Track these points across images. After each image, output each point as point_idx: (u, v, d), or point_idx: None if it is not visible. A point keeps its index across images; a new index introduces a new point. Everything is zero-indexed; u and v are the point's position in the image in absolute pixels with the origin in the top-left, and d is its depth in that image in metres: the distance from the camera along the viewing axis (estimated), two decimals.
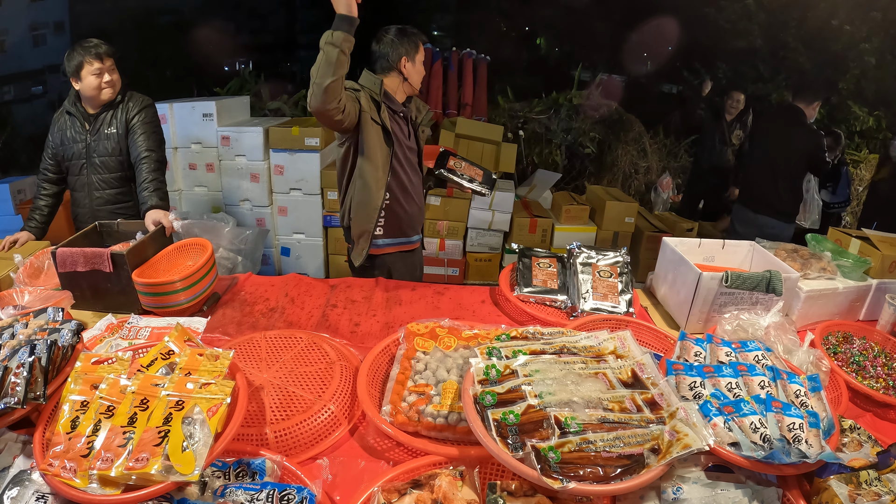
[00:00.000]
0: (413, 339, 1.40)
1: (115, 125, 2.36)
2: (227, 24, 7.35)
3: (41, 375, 1.11)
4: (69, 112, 2.34)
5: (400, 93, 2.20)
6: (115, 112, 2.36)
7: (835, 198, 4.40)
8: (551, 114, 5.83)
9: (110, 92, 2.30)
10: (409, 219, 2.30)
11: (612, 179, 5.80)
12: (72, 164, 2.38)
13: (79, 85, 2.26)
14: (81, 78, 2.24)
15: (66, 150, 2.36)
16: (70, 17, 7.76)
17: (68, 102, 2.35)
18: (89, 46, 2.22)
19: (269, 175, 4.13)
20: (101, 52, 2.23)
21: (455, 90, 5.46)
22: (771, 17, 6.93)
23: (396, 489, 1.03)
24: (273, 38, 8.98)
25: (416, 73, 2.16)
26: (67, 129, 2.35)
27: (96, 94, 2.27)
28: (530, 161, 5.71)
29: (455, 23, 8.56)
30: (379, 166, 2.12)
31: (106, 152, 2.36)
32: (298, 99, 5.80)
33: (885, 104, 6.68)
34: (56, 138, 2.36)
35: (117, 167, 2.39)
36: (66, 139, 2.35)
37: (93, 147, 2.35)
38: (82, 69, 2.22)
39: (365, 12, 1.85)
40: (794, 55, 6.95)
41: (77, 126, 2.34)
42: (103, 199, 2.41)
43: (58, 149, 2.37)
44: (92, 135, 2.34)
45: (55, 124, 2.37)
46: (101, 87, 2.26)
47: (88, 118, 2.34)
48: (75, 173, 2.39)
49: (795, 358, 1.45)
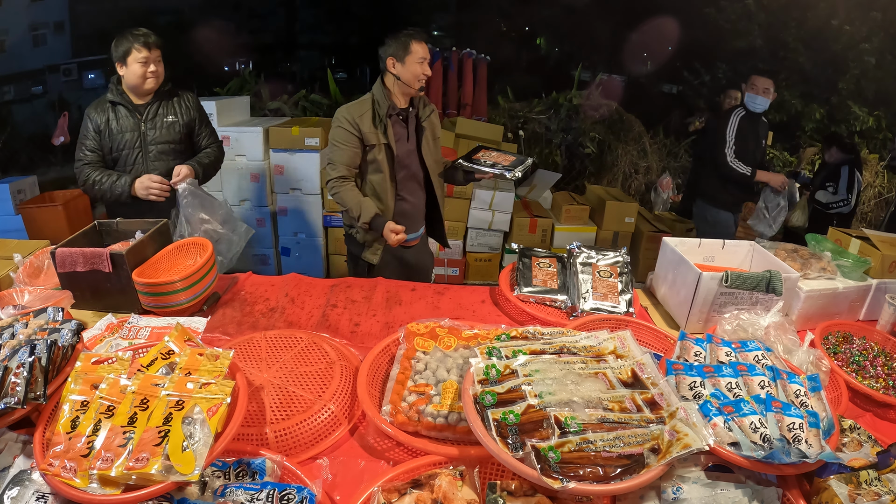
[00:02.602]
0: (413, 338, 1.40)
1: (173, 114, 2.38)
2: (227, 24, 7.36)
3: (41, 375, 1.11)
4: (114, 102, 2.30)
5: (398, 94, 2.24)
6: (171, 103, 2.39)
7: (833, 198, 4.36)
8: (551, 114, 5.83)
9: (154, 82, 2.29)
10: (415, 212, 2.43)
11: (612, 179, 5.81)
12: (122, 153, 2.32)
13: (123, 71, 2.25)
14: (127, 64, 2.23)
15: (115, 140, 2.30)
16: (70, 17, 7.77)
17: (111, 94, 2.30)
18: (138, 34, 2.22)
19: (269, 175, 4.13)
20: (149, 42, 2.23)
21: (455, 90, 5.47)
22: (771, 17, 6.93)
23: (396, 489, 1.03)
24: (273, 38, 8.99)
25: (407, 72, 2.18)
26: (113, 120, 2.30)
27: (140, 83, 2.26)
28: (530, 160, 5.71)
29: (455, 23, 8.57)
30: (387, 178, 2.27)
31: (164, 140, 2.36)
32: (298, 99, 5.81)
33: (885, 104, 6.68)
34: (98, 129, 2.29)
35: (175, 156, 2.40)
36: (114, 129, 2.30)
37: (149, 136, 2.33)
38: (129, 55, 2.21)
39: (366, 12, 1.88)
40: (794, 55, 6.95)
41: (126, 115, 2.31)
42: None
43: (104, 140, 2.30)
44: (146, 123, 2.33)
45: (93, 117, 2.30)
46: (145, 75, 2.25)
47: (138, 108, 2.32)
48: (128, 163, 2.33)
49: (795, 358, 1.45)
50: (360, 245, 2.38)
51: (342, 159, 2.22)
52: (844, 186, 4.33)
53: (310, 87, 6.19)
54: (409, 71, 2.18)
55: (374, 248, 2.37)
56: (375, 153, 2.23)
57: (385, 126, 2.21)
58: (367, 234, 2.33)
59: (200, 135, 2.49)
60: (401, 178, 2.32)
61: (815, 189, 4.45)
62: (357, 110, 2.21)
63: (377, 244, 2.35)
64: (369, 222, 2.20)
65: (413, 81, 2.20)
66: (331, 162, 2.26)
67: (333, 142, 2.24)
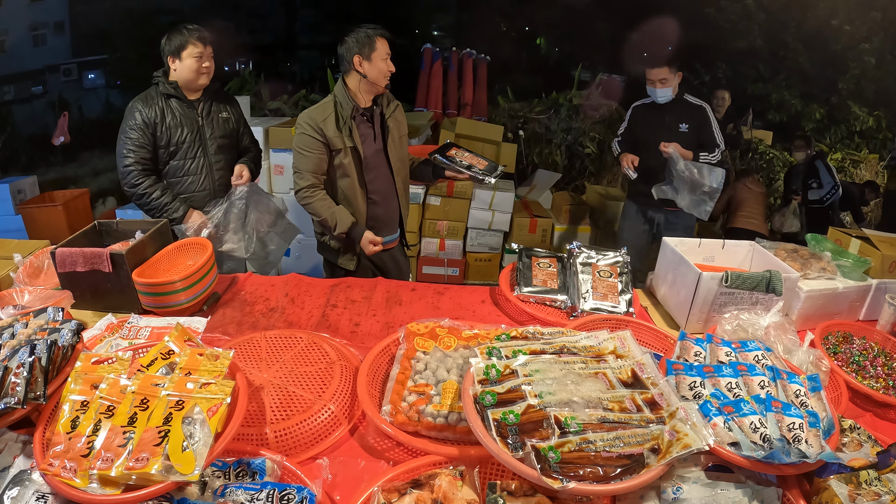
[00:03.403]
0: (413, 338, 1.40)
1: (226, 111, 2.41)
2: (227, 24, 7.35)
3: (41, 375, 1.11)
4: (168, 94, 2.25)
5: (363, 93, 2.20)
6: (223, 99, 2.41)
7: (822, 191, 4.38)
8: (551, 114, 5.83)
9: (206, 78, 2.29)
10: (388, 215, 2.39)
11: (612, 179, 5.80)
12: (182, 147, 2.29)
13: (176, 65, 2.23)
14: (182, 58, 2.21)
15: (172, 133, 2.26)
16: (70, 17, 7.76)
17: (162, 87, 2.25)
18: (193, 30, 2.21)
19: (269, 175, 4.13)
20: (204, 37, 2.22)
21: (455, 90, 5.47)
22: (771, 17, 6.92)
23: (396, 489, 1.03)
24: (273, 38, 8.99)
25: (374, 70, 2.14)
26: (168, 114, 2.25)
27: (194, 78, 2.24)
28: (530, 161, 5.71)
29: (455, 23, 8.57)
30: (355, 182, 2.23)
31: (221, 135, 2.38)
32: (298, 99, 5.81)
33: (885, 104, 6.68)
34: (149, 122, 2.22)
35: (230, 151, 2.44)
36: (169, 123, 2.26)
37: (207, 131, 2.34)
38: (184, 50, 2.20)
39: (366, 12, 1.88)
40: (794, 55, 6.95)
41: (182, 110, 2.28)
42: (225, 178, 2.42)
43: (158, 133, 2.24)
44: (203, 118, 2.33)
45: (142, 110, 2.21)
46: (200, 70, 2.24)
47: (192, 103, 2.31)
48: (188, 157, 2.31)
49: (795, 358, 1.45)
50: (335, 252, 2.35)
51: (308, 167, 2.16)
52: (827, 176, 4.38)
53: (310, 87, 6.20)
54: (375, 68, 2.13)
55: (349, 254, 2.33)
56: (342, 157, 2.18)
57: (350, 128, 2.16)
58: (342, 241, 2.30)
59: (244, 134, 2.52)
60: (370, 181, 2.27)
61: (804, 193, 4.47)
62: (320, 114, 2.15)
63: (352, 251, 2.32)
64: (346, 232, 2.16)
65: (380, 79, 2.16)
66: (297, 170, 2.19)
67: (298, 149, 2.18)
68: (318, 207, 2.18)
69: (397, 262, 2.55)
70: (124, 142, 2.22)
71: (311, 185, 2.18)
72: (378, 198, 2.31)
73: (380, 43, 2.12)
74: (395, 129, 2.31)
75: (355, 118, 2.19)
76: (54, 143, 4.90)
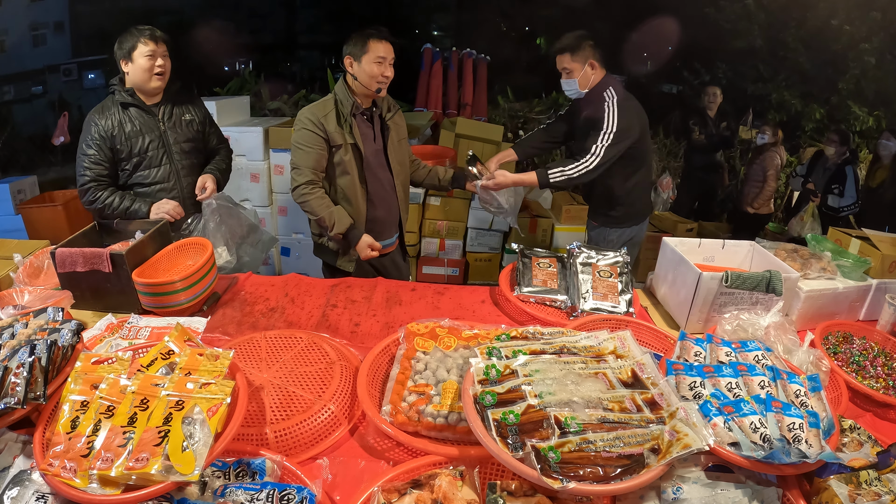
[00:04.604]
0: (413, 339, 1.40)
1: (189, 113, 2.32)
2: (227, 24, 7.36)
3: (41, 375, 1.11)
4: (124, 103, 2.16)
5: (359, 94, 2.18)
6: (184, 101, 2.33)
7: (843, 201, 4.02)
8: (551, 114, 5.83)
9: (160, 80, 2.17)
10: (388, 218, 2.37)
11: None
12: (146, 156, 2.20)
13: (129, 67, 2.14)
14: (133, 59, 2.12)
15: (132, 142, 2.16)
16: (70, 17, 7.77)
17: (118, 95, 2.16)
18: (143, 29, 2.14)
19: (269, 175, 4.13)
20: (155, 35, 2.13)
21: (455, 90, 5.47)
22: (771, 17, 6.93)
23: (396, 489, 1.03)
24: (273, 38, 8.99)
25: (363, 72, 2.10)
26: (127, 122, 2.16)
27: (147, 78, 2.14)
28: (530, 161, 5.71)
29: (455, 23, 8.57)
30: (356, 180, 2.20)
31: (188, 137, 2.30)
32: (298, 99, 5.81)
33: (885, 104, 6.68)
34: (105, 135, 2.13)
35: (197, 154, 2.36)
36: (129, 132, 2.16)
37: (171, 135, 2.25)
38: (135, 50, 2.11)
39: (366, 12, 1.88)
40: (794, 55, 6.95)
41: (142, 117, 2.19)
42: (193, 183, 2.30)
43: (117, 145, 2.15)
44: (165, 123, 2.24)
45: (98, 122, 2.13)
46: (152, 69, 2.13)
47: (151, 108, 2.21)
48: (153, 165, 2.22)
49: (795, 358, 1.45)
50: (334, 253, 2.32)
51: (307, 163, 2.13)
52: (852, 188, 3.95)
53: (310, 87, 6.19)
54: (364, 71, 2.10)
55: (349, 255, 2.30)
56: (342, 154, 2.15)
57: (350, 125, 2.14)
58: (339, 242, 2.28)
59: (210, 134, 2.44)
60: (370, 180, 2.24)
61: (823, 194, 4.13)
62: (321, 110, 2.13)
63: (352, 252, 2.29)
64: (343, 234, 2.13)
65: (370, 82, 2.11)
66: (295, 166, 2.16)
67: (297, 144, 2.15)
68: (316, 206, 2.15)
69: (397, 265, 2.53)
70: (81, 159, 2.15)
71: (310, 182, 2.15)
72: (378, 199, 2.30)
73: (373, 45, 2.08)
74: (394, 132, 2.29)
75: (355, 116, 2.17)
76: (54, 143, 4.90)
